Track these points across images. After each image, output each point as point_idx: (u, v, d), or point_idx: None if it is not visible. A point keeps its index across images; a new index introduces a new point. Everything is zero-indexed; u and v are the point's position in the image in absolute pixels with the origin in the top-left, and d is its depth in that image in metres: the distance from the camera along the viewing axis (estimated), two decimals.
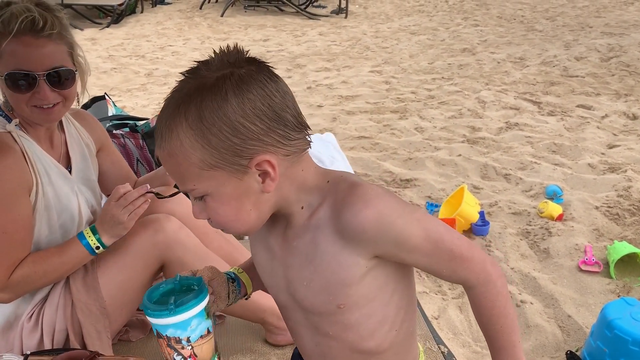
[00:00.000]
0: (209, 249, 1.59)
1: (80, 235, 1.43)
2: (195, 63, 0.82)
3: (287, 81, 3.99)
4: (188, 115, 0.77)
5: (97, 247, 1.44)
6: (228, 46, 0.82)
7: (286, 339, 1.63)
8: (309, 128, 0.85)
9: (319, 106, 4.80)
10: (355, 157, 3.63)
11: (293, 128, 0.81)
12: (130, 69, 6.30)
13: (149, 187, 1.45)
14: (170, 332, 0.92)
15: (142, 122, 2.28)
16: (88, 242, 1.42)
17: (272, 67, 0.83)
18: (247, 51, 0.82)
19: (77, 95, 1.48)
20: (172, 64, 6.49)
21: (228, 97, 0.76)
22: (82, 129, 1.63)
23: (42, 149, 1.45)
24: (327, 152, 2.91)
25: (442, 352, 1.57)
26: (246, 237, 2.39)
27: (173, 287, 0.98)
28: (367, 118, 4.46)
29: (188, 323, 0.91)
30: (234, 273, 1.08)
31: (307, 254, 0.86)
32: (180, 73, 0.83)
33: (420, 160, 3.58)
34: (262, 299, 1.58)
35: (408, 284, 0.93)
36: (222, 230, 0.88)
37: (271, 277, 0.95)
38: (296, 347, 1.05)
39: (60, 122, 1.57)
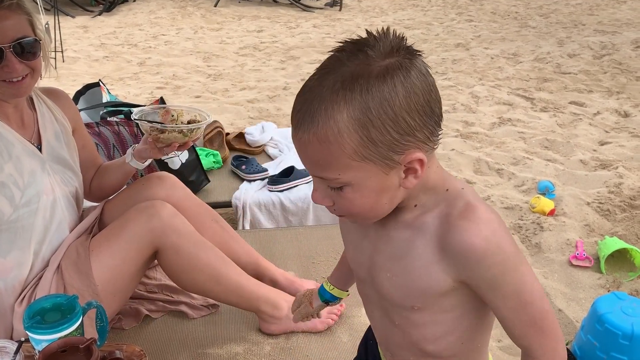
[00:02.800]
0: (204, 236, 1.58)
1: None
2: (356, 37, 0.76)
3: (281, 73, 3.99)
4: (351, 103, 0.71)
5: None
6: (389, 29, 0.76)
7: (280, 328, 1.63)
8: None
9: None
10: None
11: (439, 124, 0.78)
12: (123, 57, 6.25)
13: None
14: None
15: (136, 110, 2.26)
16: None
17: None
18: (405, 38, 0.77)
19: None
20: (164, 53, 6.44)
21: (397, 89, 0.72)
22: (57, 108, 1.61)
23: (5, 126, 1.42)
24: None
25: None
26: (241, 227, 2.38)
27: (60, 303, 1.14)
28: None
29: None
30: (329, 294, 1.19)
31: (401, 249, 0.85)
32: (339, 46, 0.76)
33: None
34: (256, 287, 1.58)
35: (487, 307, 0.89)
36: (347, 217, 0.84)
37: (356, 252, 0.94)
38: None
39: (32, 101, 1.55)
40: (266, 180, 2.48)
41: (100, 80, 2.53)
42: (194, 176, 2.37)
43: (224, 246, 1.67)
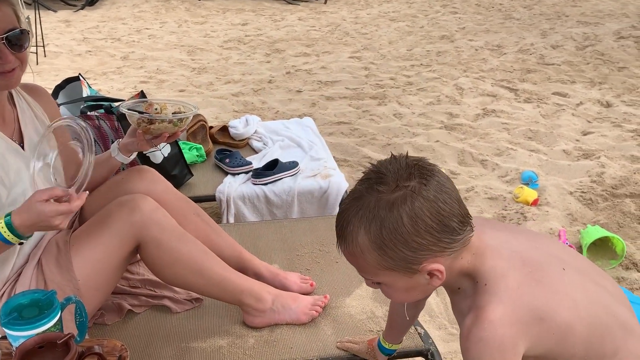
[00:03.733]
0: (186, 230, 1.57)
1: None
2: (372, 168, 0.95)
3: (266, 66, 3.96)
4: (369, 230, 0.90)
5: (7, 234, 1.24)
6: (400, 159, 0.93)
7: (265, 320, 1.62)
8: (471, 220, 0.95)
9: (298, 91, 4.78)
10: (334, 143, 3.63)
11: (458, 232, 0.92)
12: (106, 52, 6.18)
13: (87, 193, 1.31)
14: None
15: (117, 104, 2.24)
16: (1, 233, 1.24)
17: (436, 168, 0.94)
18: (415, 163, 0.93)
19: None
20: (148, 47, 6.39)
21: (403, 220, 0.88)
22: (36, 104, 1.58)
23: None
24: (306, 136, 2.90)
25: (419, 333, 1.59)
26: (225, 220, 2.37)
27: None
28: (347, 104, 4.46)
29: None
30: (389, 350, 1.40)
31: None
32: (364, 176, 0.96)
33: (399, 146, 3.59)
34: (239, 280, 1.57)
35: None
36: None
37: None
38: None
39: (12, 97, 1.53)
40: (250, 173, 2.47)
41: (80, 74, 2.49)
42: (176, 170, 2.36)
43: (207, 240, 1.66)
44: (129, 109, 1.60)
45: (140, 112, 1.59)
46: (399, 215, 0.88)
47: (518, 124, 3.90)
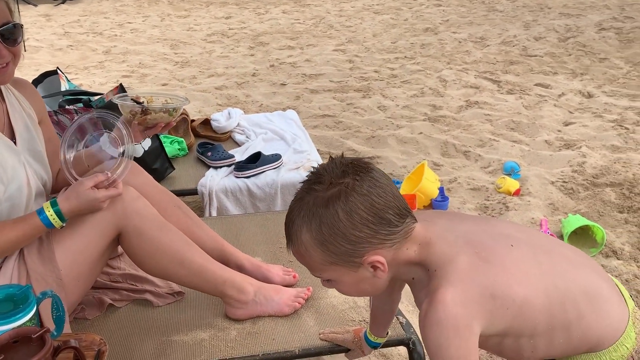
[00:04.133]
0: (168, 222, 1.56)
1: (40, 210, 1.40)
2: (312, 170, 1.00)
3: (249, 59, 3.94)
4: (310, 228, 0.96)
5: (56, 221, 1.40)
6: (334, 160, 0.99)
7: (247, 312, 1.62)
8: (411, 213, 1.00)
9: (282, 84, 4.76)
10: (318, 136, 3.63)
11: (396, 224, 0.96)
12: (88, 46, 6.11)
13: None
14: None
15: (96, 98, 2.21)
16: (46, 216, 1.39)
17: (371, 165, 0.99)
18: (350, 162, 0.98)
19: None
20: (131, 41, 6.33)
21: (339, 215, 0.93)
22: (23, 98, 1.57)
23: None
24: (289, 129, 2.90)
25: (401, 323, 1.60)
26: (207, 214, 2.36)
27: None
28: (331, 97, 4.45)
29: None
30: (375, 342, 1.42)
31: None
32: (300, 183, 1.02)
33: (383, 139, 3.60)
34: (221, 271, 1.57)
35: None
36: None
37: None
38: None
39: (0, 92, 1.51)
40: (233, 166, 2.46)
41: (58, 67, 2.46)
42: (157, 164, 2.34)
43: (188, 232, 1.65)
44: (121, 101, 1.60)
45: (138, 102, 1.59)
46: (334, 211, 0.94)
47: (501, 115, 3.93)
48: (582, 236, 2.50)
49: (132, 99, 1.65)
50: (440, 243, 1.00)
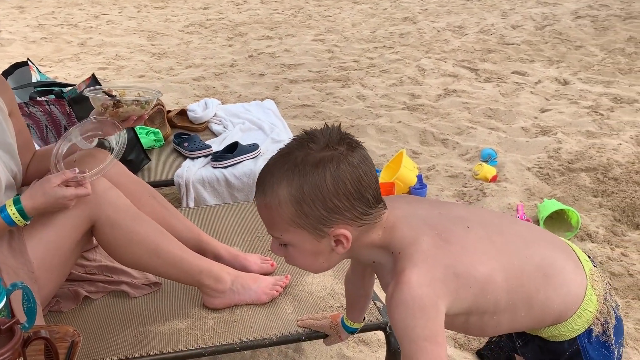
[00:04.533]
0: (143, 212, 1.54)
1: (2, 208, 1.37)
2: (305, 131, 0.98)
3: (228, 50, 3.92)
4: (291, 183, 0.93)
5: (19, 220, 1.37)
6: (334, 126, 0.97)
7: (224, 301, 1.62)
8: (383, 201, 0.99)
9: (261, 75, 4.74)
10: (298, 126, 3.62)
11: (371, 206, 0.96)
12: (62, 38, 6.01)
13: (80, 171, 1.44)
14: None
15: (68, 89, 2.18)
16: (8, 214, 1.35)
17: (362, 145, 0.98)
18: (346, 134, 0.97)
19: None
20: (107, 33, 6.23)
21: (326, 179, 0.92)
22: None
23: None
24: (267, 119, 2.88)
25: (378, 308, 1.61)
26: (185, 205, 2.35)
27: None
28: (310, 86, 4.44)
29: None
30: (352, 328, 1.42)
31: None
32: (296, 135, 0.99)
33: (362, 128, 3.60)
34: (197, 260, 1.56)
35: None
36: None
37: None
38: None
39: None
40: (210, 157, 2.45)
41: (28, 59, 2.41)
42: (132, 155, 2.32)
43: (163, 222, 1.64)
44: (93, 94, 1.57)
45: (110, 95, 1.57)
46: (323, 173, 0.92)
47: (478, 103, 3.96)
48: (557, 220, 2.54)
49: (104, 92, 1.62)
50: (403, 226, 1.00)
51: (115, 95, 1.61)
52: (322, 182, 0.92)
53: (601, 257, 2.29)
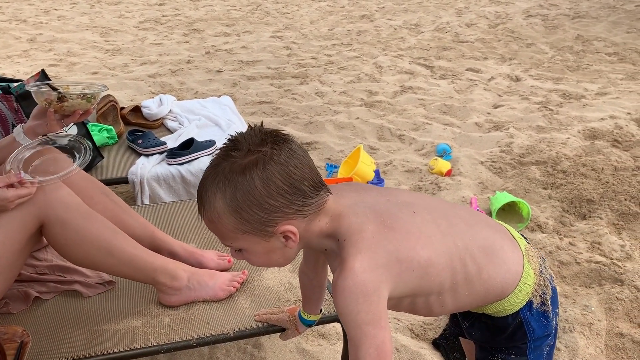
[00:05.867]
0: (94, 210, 1.51)
1: None
2: (229, 138, 0.99)
3: (184, 46, 3.87)
4: (224, 195, 0.94)
5: None
6: (253, 129, 0.98)
7: (180, 298, 1.60)
8: (325, 186, 1.01)
9: (219, 71, 4.69)
10: (256, 122, 3.60)
11: (310, 195, 0.97)
12: (10, 34, 5.81)
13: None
14: None
15: (15, 84, 2.11)
16: None
17: (290, 137, 0.99)
18: (270, 131, 0.98)
19: None
20: (58, 29, 6.05)
21: (255, 183, 0.93)
22: None
23: None
24: (224, 115, 2.86)
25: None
26: (140, 202, 2.31)
27: None
28: (268, 83, 4.43)
29: None
30: (310, 321, 1.43)
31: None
32: (221, 146, 0.99)
33: (321, 124, 3.62)
34: (151, 258, 1.54)
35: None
36: None
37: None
38: None
39: None
40: (165, 154, 2.41)
41: None
42: None
43: (116, 220, 1.61)
44: (36, 88, 1.53)
45: (54, 88, 1.52)
46: (251, 178, 0.93)
47: (434, 99, 4.03)
48: (509, 212, 2.61)
49: (48, 85, 1.58)
50: (349, 214, 1.02)
51: (59, 89, 1.57)
52: (252, 188, 0.93)
53: (550, 247, 2.37)
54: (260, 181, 0.93)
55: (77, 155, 1.53)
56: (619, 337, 1.91)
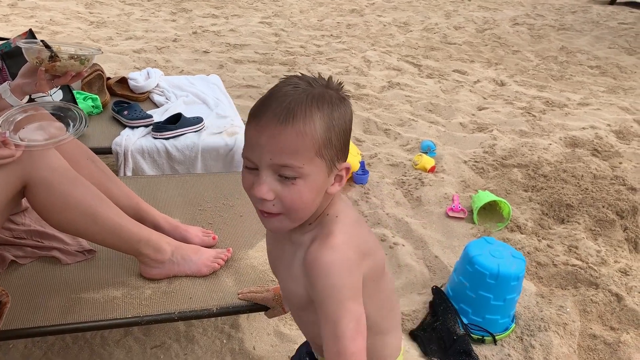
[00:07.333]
0: (80, 174, 1.46)
1: None
2: (300, 76, 0.95)
3: (171, 24, 3.81)
4: (323, 112, 0.90)
5: None
6: (331, 78, 0.96)
7: (163, 272, 1.57)
8: None
9: (205, 52, 4.63)
10: (242, 106, 3.56)
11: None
12: None
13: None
14: None
15: (1, 42, 2.04)
16: None
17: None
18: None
19: None
20: None
21: (348, 113, 0.94)
22: None
23: None
24: (212, 94, 2.82)
25: None
26: (122, 174, 2.26)
27: None
28: (256, 68, 4.38)
29: None
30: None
31: (289, 261, 1.03)
32: (296, 74, 0.96)
33: None
34: (136, 228, 1.50)
35: None
36: (286, 214, 0.95)
37: (271, 255, 1.15)
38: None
39: None
40: (150, 127, 2.36)
41: None
42: None
43: (101, 187, 1.56)
44: (27, 45, 1.47)
45: (47, 46, 1.46)
46: (345, 109, 0.94)
47: (420, 97, 4.05)
48: (490, 211, 2.64)
49: (41, 42, 1.52)
50: (341, 198, 1.04)
51: (52, 48, 1.51)
52: (346, 115, 0.94)
53: (529, 248, 2.41)
54: (350, 116, 0.95)
55: (72, 124, 1.48)
56: (591, 338, 1.95)
